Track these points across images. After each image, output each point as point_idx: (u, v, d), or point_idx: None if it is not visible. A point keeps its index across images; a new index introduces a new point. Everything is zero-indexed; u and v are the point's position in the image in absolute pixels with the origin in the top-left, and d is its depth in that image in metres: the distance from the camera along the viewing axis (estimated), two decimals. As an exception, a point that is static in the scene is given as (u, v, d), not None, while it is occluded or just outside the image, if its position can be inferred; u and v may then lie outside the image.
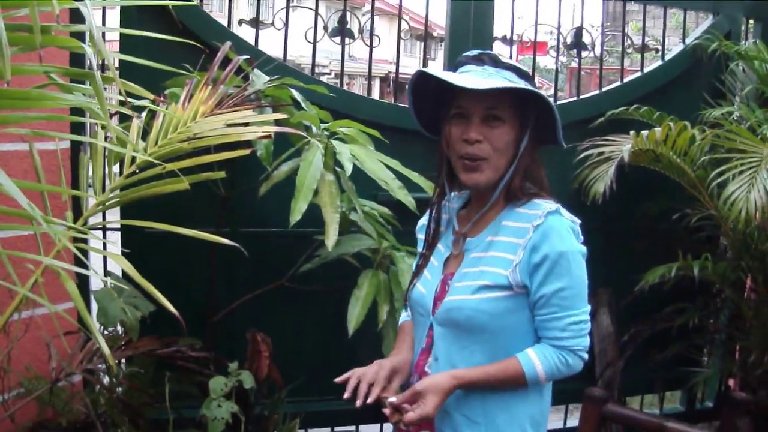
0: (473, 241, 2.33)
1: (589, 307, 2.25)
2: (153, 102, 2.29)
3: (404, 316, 2.65)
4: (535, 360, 2.20)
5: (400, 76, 4.48)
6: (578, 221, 2.26)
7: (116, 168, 2.75)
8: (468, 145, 2.20)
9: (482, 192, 2.30)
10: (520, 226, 2.23)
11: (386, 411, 2.21)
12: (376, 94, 25.66)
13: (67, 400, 3.15)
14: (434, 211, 2.45)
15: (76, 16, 3.20)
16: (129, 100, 2.17)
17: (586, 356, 2.25)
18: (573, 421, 4.82)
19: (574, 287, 2.20)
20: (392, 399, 2.20)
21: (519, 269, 2.18)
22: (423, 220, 2.55)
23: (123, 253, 2.24)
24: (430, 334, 2.35)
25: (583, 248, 2.23)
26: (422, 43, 4.35)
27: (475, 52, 2.28)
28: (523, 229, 2.21)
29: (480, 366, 2.23)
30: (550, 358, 2.21)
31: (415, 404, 2.14)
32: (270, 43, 3.91)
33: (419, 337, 2.41)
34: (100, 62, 2.34)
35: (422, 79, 2.31)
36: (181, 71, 2.65)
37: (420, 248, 2.52)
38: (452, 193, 2.46)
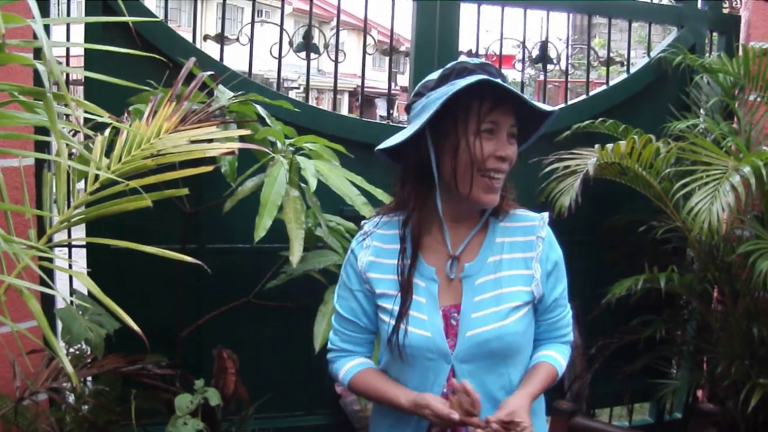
0: (473, 266, 2.21)
1: None
2: (120, 105, 2.29)
3: (360, 363, 2.36)
4: (561, 360, 2.29)
5: (368, 90, 4.46)
6: None
7: (80, 185, 2.74)
8: (501, 162, 2.09)
9: (464, 212, 2.22)
10: (522, 240, 2.23)
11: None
12: (344, 109, 25.74)
13: (32, 419, 3.12)
14: (407, 242, 2.22)
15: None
16: (92, 117, 2.16)
17: None
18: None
19: (566, 284, 2.31)
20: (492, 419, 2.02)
21: (541, 281, 2.21)
22: (367, 256, 2.29)
23: (89, 272, 2.22)
24: (450, 376, 2.17)
25: None
26: (390, 59, 4.34)
27: (477, 60, 2.13)
28: (528, 243, 2.23)
29: (531, 380, 2.21)
30: (566, 354, 2.33)
31: (516, 424, 2.02)
32: (237, 59, 3.91)
33: (430, 383, 2.19)
34: (64, 80, 2.33)
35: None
36: (145, 88, 2.64)
37: (376, 288, 2.26)
38: (380, 218, 2.33)
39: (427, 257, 2.23)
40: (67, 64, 3.66)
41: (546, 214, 2.28)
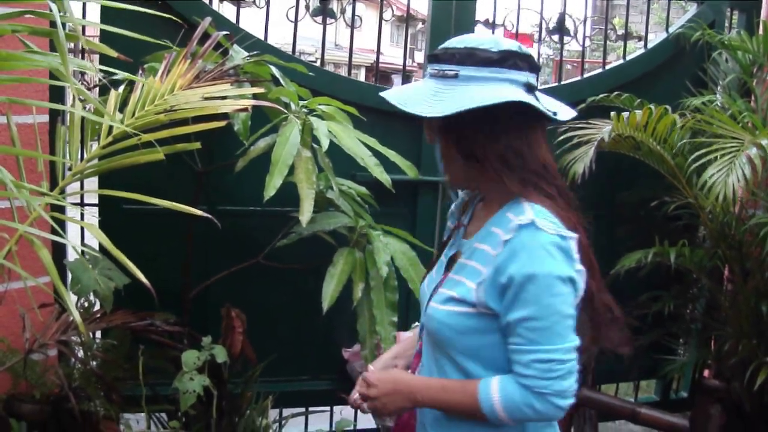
0: (466, 243, 2.10)
1: (570, 344, 1.87)
2: (134, 64, 2.29)
3: None
4: (493, 390, 1.92)
5: (385, 65, 4.46)
6: (571, 235, 1.89)
7: (95, 141, 2.76)
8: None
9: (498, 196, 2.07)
10: (501, 234, 1.92)
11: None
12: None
13: (41, 373, 3.15)
14: (450, 219, 2.28)
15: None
16: (107, 69, 2.17)
17: (564, 403, 1.89)
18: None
19: (543, 318, 1.84)
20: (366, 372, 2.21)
21: (484, 287, 1.91)
22: (454, 206, 2.31)
23: (100, 228, 2.23)
24: (422, 336, 2.21)
25: (567, 271, 1.85)
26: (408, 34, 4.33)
27: (527, 52, 1.95)
28: (498, 241, 1.92)
29: (441, 378, 2.07)
30: (512, 394, 1.90)
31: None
32: (252, 26, 3.90)
33: (419, 338, 2.26)
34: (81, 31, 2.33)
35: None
36: (160, 42, 2.64)
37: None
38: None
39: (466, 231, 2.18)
40: (83, 33, 3.65)
41: (528, 220, 1.85)
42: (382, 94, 2.07)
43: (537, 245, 1.83)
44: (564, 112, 1.98)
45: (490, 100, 1.84)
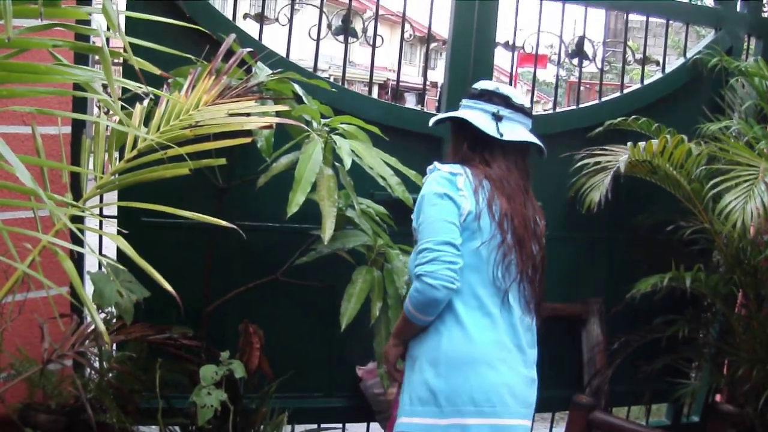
0: None
1: (440, 238, 2.50)
2: (159, 79, 2.31)
3: None
4: (408, 299, 2.60)
5: (398, 83, 4.45)
6: (459, 172, 2.64)
7: (116, 154, 2.77)
8: None
9: None
10: None
11: None
12: (375, 102, 25.65)
13: (57, 383, 3.15)
14: None
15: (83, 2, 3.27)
16: (133, 84, 2.18)
17: (434, 282, 2.46)
18: (559, 430, 4.84)
19: (425, 222, 2.57)
20: None
21: (414, 216, 2.71)
22: None
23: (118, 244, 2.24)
24: None
25: (443, 190, 2.58)
26: (422, 53, 4.34)
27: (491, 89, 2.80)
28: None
29: None
30: (410, 292, 2.57)
31: None
32: (272, 44, 3.91)
33: None
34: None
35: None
36: (185, 55, 2.66)
37: None
38: None
39: None
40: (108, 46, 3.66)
41: (433, 165, 2.72)
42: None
43: (431, 178, 2.66)
44: (515, 136, 2.72)
45: (442, 116, 2.98)
